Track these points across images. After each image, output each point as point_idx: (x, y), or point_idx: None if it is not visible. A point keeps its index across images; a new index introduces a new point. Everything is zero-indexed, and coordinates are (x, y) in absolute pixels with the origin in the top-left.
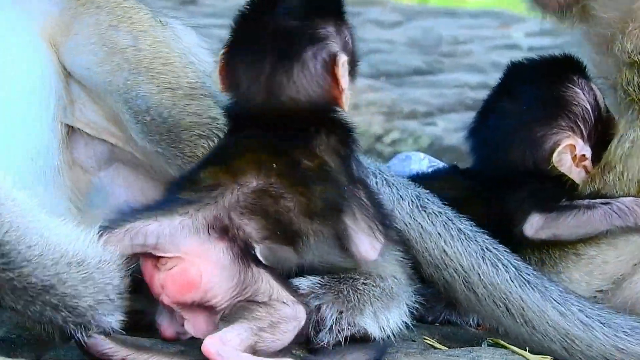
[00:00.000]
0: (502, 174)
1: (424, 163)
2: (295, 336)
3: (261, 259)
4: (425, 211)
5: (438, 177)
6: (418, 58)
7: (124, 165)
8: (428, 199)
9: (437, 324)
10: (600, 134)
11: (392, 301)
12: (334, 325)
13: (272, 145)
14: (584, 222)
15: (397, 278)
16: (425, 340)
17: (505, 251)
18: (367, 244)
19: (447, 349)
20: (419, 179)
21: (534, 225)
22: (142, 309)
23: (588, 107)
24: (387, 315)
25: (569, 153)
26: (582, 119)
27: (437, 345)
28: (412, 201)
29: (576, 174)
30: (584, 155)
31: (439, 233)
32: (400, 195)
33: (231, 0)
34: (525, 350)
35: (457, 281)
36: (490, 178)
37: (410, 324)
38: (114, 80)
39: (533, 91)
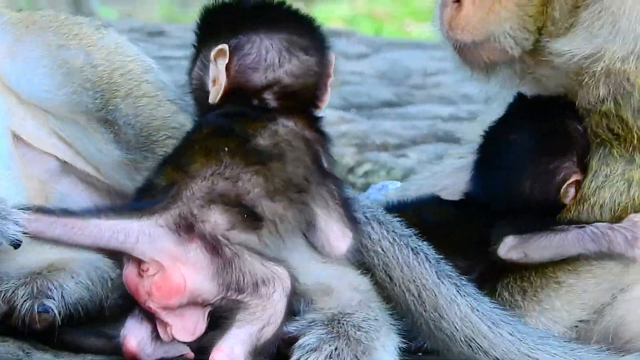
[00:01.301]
0: (502, 201)
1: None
2: None
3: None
4: (356, 203)
5: (420, 203)
6: (388, 90)
7: (78, 179)
8: (362, 199)
9: (420, 354)
10: None
11: (386, 327)
12: None
13: (220, 128)
14: (556, 243)
15: (378, 302)
16: None
17: (429, 247)
18: (338, 233)
19: None
20: (398, 206)
21: (507, 245)
22: (110, 333)
23: (587, 147)
24: (392, 343)
25: (574, 188)
26: (584, 157)
27: None
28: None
29: None
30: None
31: (366, 219)
32: None
33: None
34: None
35: (376, 265)
36: (474, 207)
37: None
38: (81, 100)
39: (545, 125)
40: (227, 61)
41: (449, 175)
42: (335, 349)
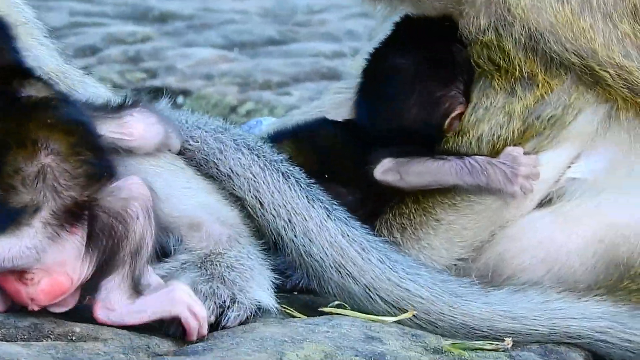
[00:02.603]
0: (383, 130)
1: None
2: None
3: None
4: (226, 132)
5: (307, 130)
6: (272, 28)
7: None
8: (229, 128)
9: (296, 293)
10: None
11: (259, 264)
12: (231, 312)
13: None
14: (433, 170)
15: (248, 237)
16: (285, 310)
17: (301, 171)
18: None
19: (306, 317)
20: (285, 133)
21: (383, 167)
22: None
23: (472, 76)
24: (266, 281)
25: (458, 120)
26: (469, 87)
27: (296, 314)
28: (213, 128)
29: None
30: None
31: (236, 146)
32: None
33: None
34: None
35: (246, 191)
36: (361, 132)
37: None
38: None
39: (431, 50)
40: None
41: (328, 111)
42: (210, 287)
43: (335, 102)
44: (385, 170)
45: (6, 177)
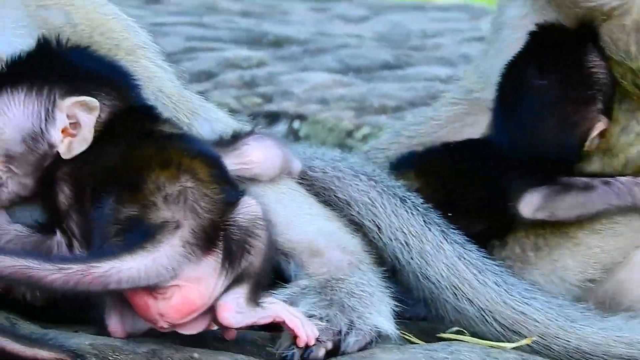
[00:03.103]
0: (520, 150)
1: None
2: None
3: None
4: (343, 161)
5: (429, 158)
6: (387, 52)
7: None
8: (346, 157)
9: (421, 321)
10: None
11: (379, 291)
12: (350, 338)
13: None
14: (583, 202)
15: (368, 264)
16: (403, 335)
17: (418, 197)
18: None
19: (425, 343)
20: (406, 160)
21: (531, 205)
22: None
23: (613, 88)
24: (386, 307)
25: (600, 138)
26: (610, 101)
27: (415, 340)
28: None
29: None
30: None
31: (354, 173)
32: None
33: None
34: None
35: (364, 215)
36: (495, 152)
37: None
38: None
39: (568, 65)
40: (97, 116)
41: (445, 124)
42: (328, 313)
43: (452, 116)
44: (535, 209)
45: (147, 194)
